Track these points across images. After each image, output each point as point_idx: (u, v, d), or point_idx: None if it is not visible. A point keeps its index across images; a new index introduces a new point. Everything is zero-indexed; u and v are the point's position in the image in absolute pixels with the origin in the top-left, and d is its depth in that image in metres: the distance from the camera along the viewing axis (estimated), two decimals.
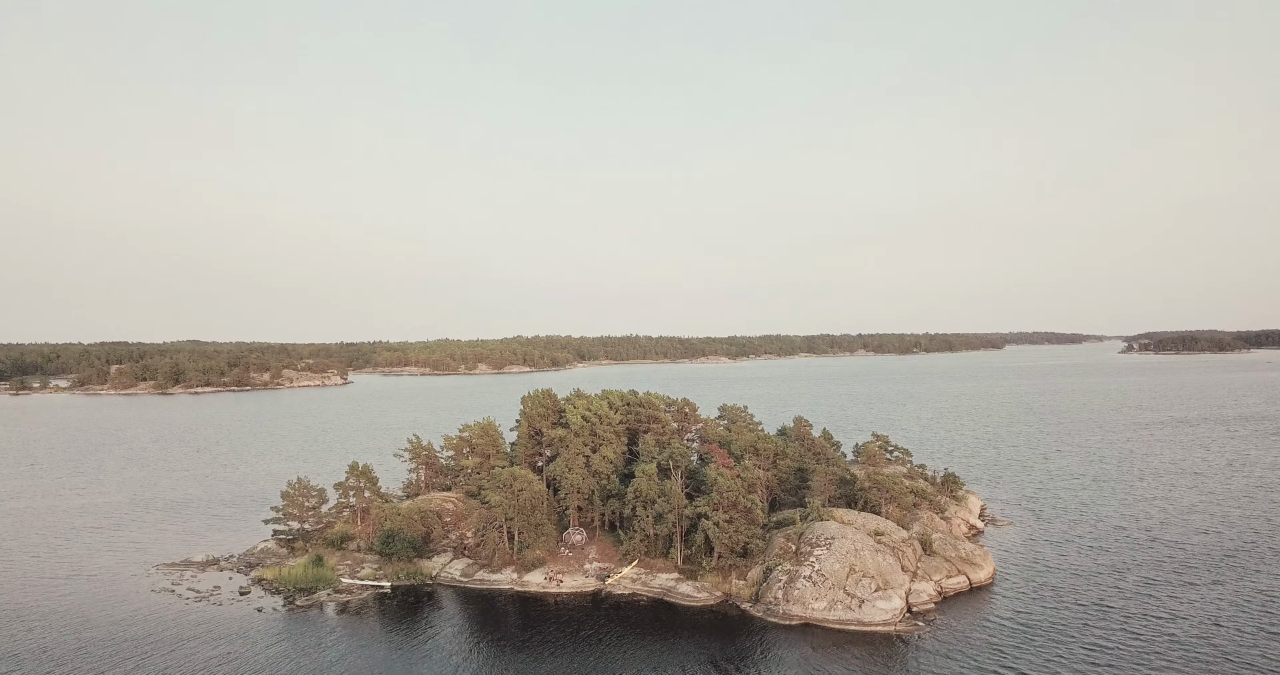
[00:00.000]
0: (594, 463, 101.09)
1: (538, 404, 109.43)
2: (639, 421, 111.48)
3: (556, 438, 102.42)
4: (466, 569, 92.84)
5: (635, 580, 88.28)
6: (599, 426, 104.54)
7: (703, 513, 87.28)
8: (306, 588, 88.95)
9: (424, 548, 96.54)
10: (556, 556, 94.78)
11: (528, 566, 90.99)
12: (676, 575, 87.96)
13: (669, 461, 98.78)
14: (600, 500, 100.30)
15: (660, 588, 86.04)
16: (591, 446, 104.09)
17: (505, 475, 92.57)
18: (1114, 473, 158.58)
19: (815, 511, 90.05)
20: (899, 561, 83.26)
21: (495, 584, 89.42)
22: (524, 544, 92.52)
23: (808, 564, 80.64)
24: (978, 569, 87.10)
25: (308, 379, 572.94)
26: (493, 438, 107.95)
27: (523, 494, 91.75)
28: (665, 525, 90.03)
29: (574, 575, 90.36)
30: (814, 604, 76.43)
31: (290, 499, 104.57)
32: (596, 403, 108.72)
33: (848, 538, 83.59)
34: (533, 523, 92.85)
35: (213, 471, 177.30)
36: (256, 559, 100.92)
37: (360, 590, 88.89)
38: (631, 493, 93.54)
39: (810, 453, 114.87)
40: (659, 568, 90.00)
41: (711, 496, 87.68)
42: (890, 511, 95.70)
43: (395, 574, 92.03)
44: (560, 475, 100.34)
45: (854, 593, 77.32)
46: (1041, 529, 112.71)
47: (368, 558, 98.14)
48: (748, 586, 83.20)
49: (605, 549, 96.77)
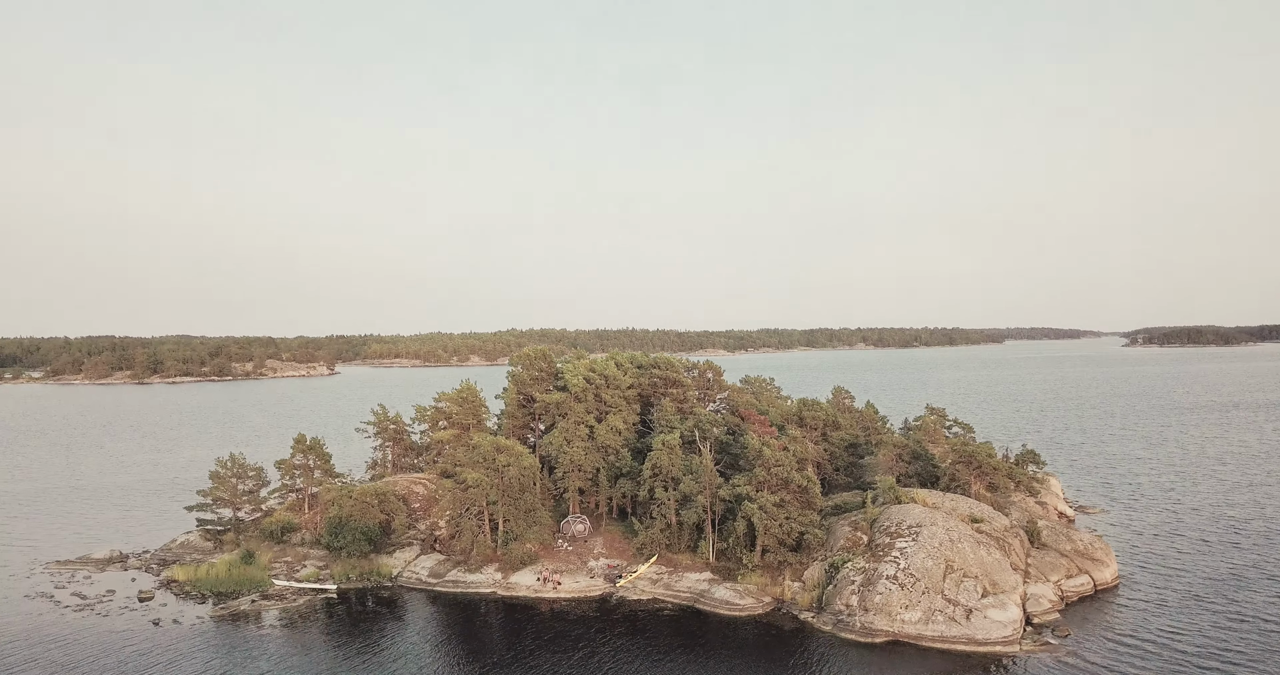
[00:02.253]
0: (599, 434, 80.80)
1: (530, 365, 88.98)
2: (653, 387, 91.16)
3: (552, 404, 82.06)
4: (437, 567, 72.44)
5: (655, 581, 68.08)
6: (605, 391, 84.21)
7: (743, 495, 67.07)
8: (227, 592, 68.48)
9: (382, 540, 76.06)
10: (552, 552, 74.53)
11: (515, 564, 70.68)
12: (709, 575, 67.76)
13: (694, 431, 78.48)
14: (608, 481, 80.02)
15: (689, 591, 65.87)
16: (596, 415, 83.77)
17: (487, 447, 72.15)
18: (1184, 457, 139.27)
19: (891, 491, 69.83)
20: (1006, 557, 63.18)
21: (473, 586, 69.15)
22: (511, 535, 72.11)
23: (890, 560, 60.49)
24: (1100, 567, 67.10)
25: (292, 369, 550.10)
26: (473, 406, 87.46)
27: (509, 471, 71.35)
28: (693, 511, 69.78)
29: (575, 575, 70.14)
30: (904, 614, 56.29)
31: (221, 481, 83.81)
32: (602, 363, 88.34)
33: (938, 525, 63.47)
34: (522, 508, 72.42)
35: (152, 457, 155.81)
36: (174, 555, 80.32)
37: (297, 595, 68.42)
38: (649, 470, 73.30)
39: (860, 426, 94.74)
40: (685, 566, 69.81)
41: (755, 473, 67.45)
42: (978, 494, 75.57)
43: (344, 574, 71.60)
44: (557, 450, 80.00)
45: (956, 599, 57.21)
46: (1139, 518, 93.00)
47: (313, 553, 77.63)
48: (806, 590, 63.05)
49: (614, 542, 76.50)
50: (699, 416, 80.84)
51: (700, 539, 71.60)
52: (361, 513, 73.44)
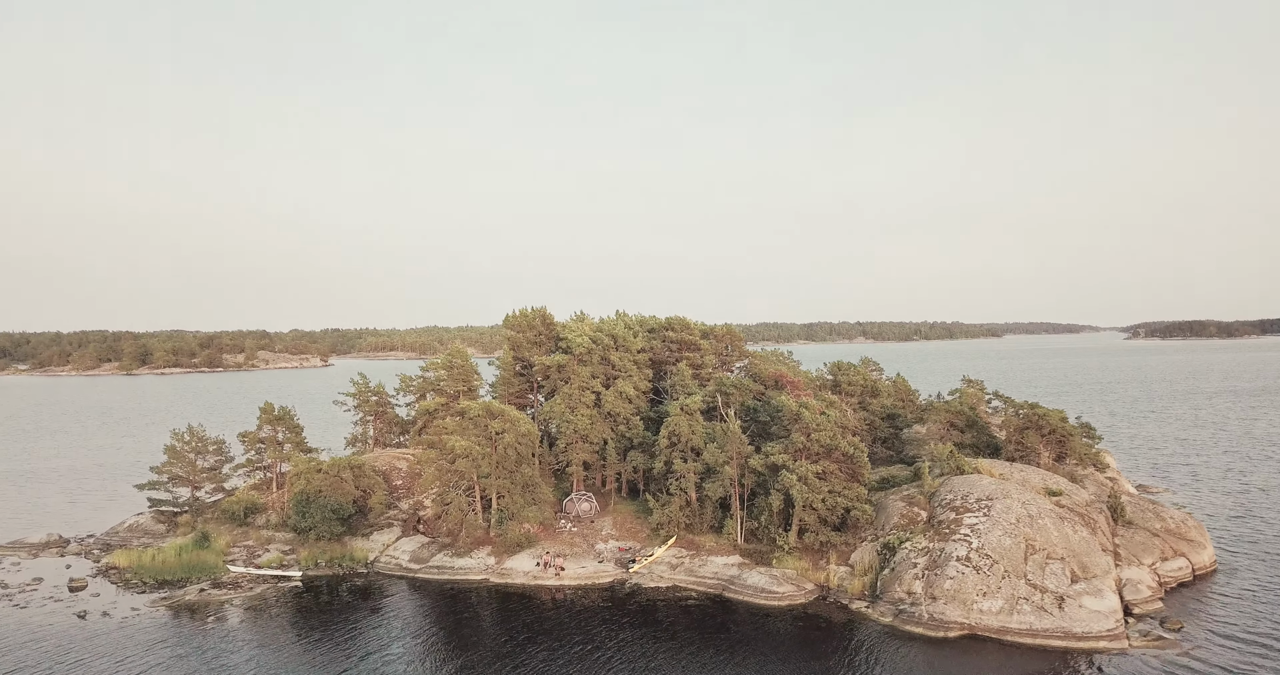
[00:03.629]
0: (607, 401, 70.88)
1: (525, 326, 78.94)
2: (666, 351, 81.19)
3: (553, 367, 72.08)
4: (419, 551, 62.50)
5: (674, 566, 58.24)
6: (613, 353, 74.21)
7: (778, 464, 57.18)
8: (173, 580, 58.52)
9: (358, 521, 66.12)
10: (554, 533, 64.67)
11: (511, 547, 60.83)
12: (738, 559, 57.89)
13: (717, 396, 68.66)
14: (617, 453, 70.13)
15: (715, 578, 56.01)
16: (603, 380, 73.84)
17: (477, 410, 62.17)
18: (1230, 440, 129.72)
19: (951, 460, 59.95)
20: (1094, 535, 53.36)
21: (462, 573, 59.26)
22: (506, 514, 62.20)
23: (959, 539, 50.65)
24: (1197, 548, 57.32)
25: (285, 361, 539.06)
26: (463, 371, 77.39)
27: (504, 438, 61.39)
28: (718, 485, 59.87)
29: (580, 560, 60.30)
30: (981, 602, 46.50)
31: (178, 457, 73.76)
32: (609, 323, 78.36)
33: (1012, 498, 53.62)
34: (519, 482, 62.47)
35: (117, 441, 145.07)
36: (121, 539, 70.33)
37: (255, 583, 58.47)
38: (665, 439, 63.45)
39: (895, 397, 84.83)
40: (709, 548, 59.94)
41: (792, 439, 57.54)
42: (1048, 466, 65.67)
43: (311, 559, 61.69)
44: (559, 419, 70.08)
45: (1042, 584, 47.44)
46: (1208, 500, 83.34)
47: (278, 537, 67.67)
48: (855, 576, 53.22)
49: (625, 522, 66.67)
50: (721, 380, 70.97)
51: (726, 518, 61.74)
52: (332, 488, 63.40)
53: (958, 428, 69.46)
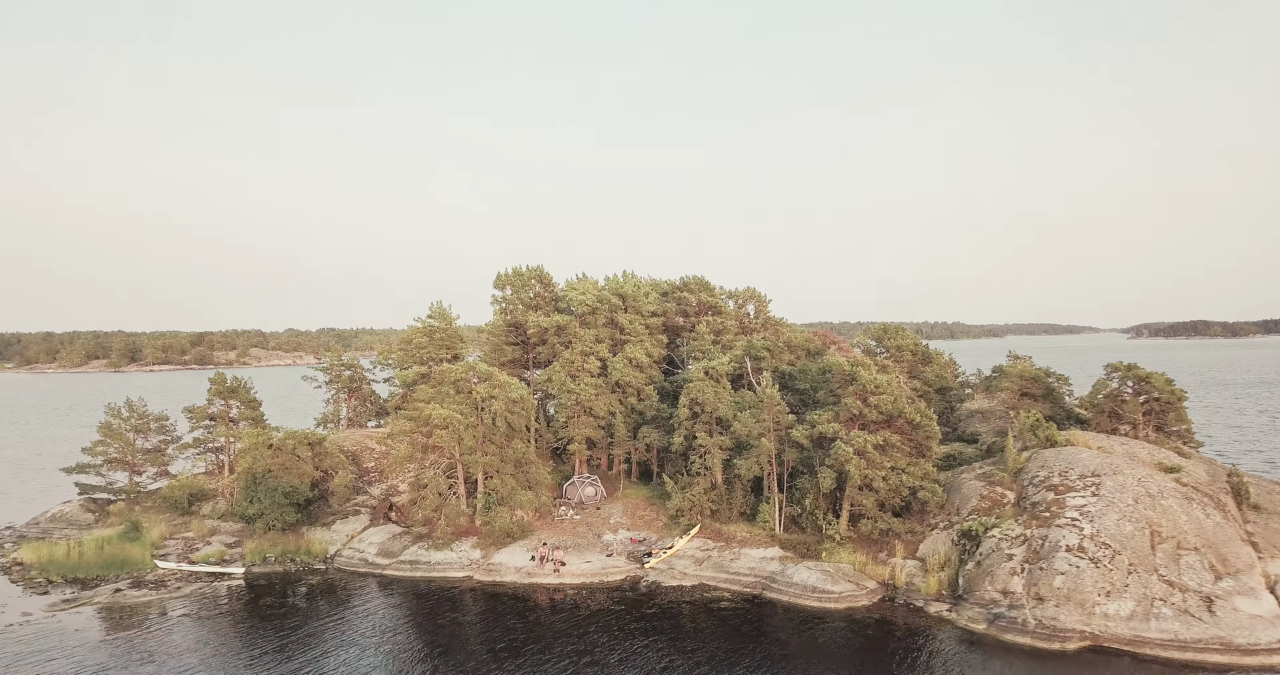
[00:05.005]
0: (615, 369, 60.40)
1: (522, 286, 68.41)
2: (684, 315, 70.70)
3: (551, 329, 61.56)
4: (389, 543, 51.83)
5: (700, 561, 47.68)
6: (621, 314, 63.73)
7: (828, 434, 46.65)
8: (86, 578, 47.87)
9: (318, 508, 55.56)
10: (553, 522, 54.10)
11: (500, 538, 50.23)
12: (777, 552, 47.32)
13: (745, 360, 58.22)
14: (627, 429, 59.58)
15: (752, 574, 45.43)
16: (610, 345, 63.38)
17: (459, 371, 51.64)
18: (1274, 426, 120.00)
19: (1039, 429, 49.33)
20: (1228, 521, 42.80)
21: (440, 569, 48.63)
22: (494, 498, 51.59)
23: (1064, 524, 40.12)
24: None
25: (278, 358, 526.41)
26: (447, 336, 66.72)
27: (492, 405, 50.78)
28: (752, 462, 49.27)
29: (585, 553, 49.69)
30: (1106, 604, 35.99)
31: (114, 435, 63.13)
32: (616, 282, 67.85)
33: (1124, 474, 43.12)
34: (510, 459, 51.84)
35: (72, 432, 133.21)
36: (42, 531, 59.58)
37: (186, 581, 47.84)
38: (686, 408, 52.98)
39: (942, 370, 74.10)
40: (740, 539, 49.37)
41: (845, 405, 46.98)
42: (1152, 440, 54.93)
43: (259, 552, 51.03)
44: (559, 389, 59.60)
45: (1179, 580, 36.93)
46: None
47: (225, 527, 57.07)
48: (929, 571, 42.68)
49: (637, 509, 56.11)
50: (750, 341, 60.51)
51: (760, 502, 51.21)
52: (286, 469, 52.69)
53: (1031, 397, 58.99)
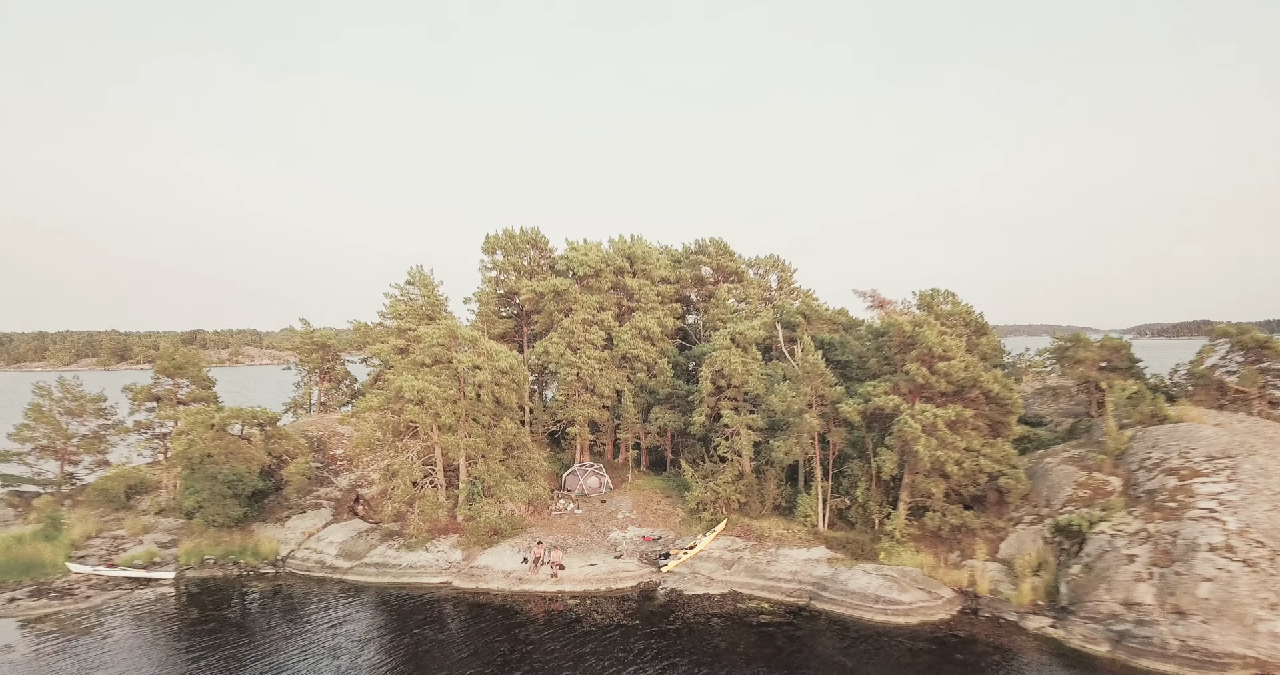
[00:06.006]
0: (621, 340, 51.95)
1: (514, 249, 59.90)
2: (699, 284, 62.25)
3: (548, 294, 53.07)
4: (353, 543, 43.24)
5: (729, 564, 39.15)
6: (629, 278, 55.28)
7: (885, 408, 38.17)
8: None
9: (274, 502, 47.02)
10: (549, 518, 45.56)
11: (485, 537, 41.65)
12: (824, 552, 38.80)
13: (778, 327, 49.78)
14: (637, 411, 51.08)
15: (795, 580, 36.89)
16: (616, 313, 54.95)
17: (437, 336, 43.16)
18: None
19: (1142, 402, 40.84)
20: None
21: (412, 574, 40.02)
22: (478, 489, 43.04)
23: (1200, 517, 31.66)
24: None
25: (270, 357, 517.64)
26: (429, 304, 58.05)
27: (477, 375, 42.23)
28: (792, 444, 40.68)
29: (588, 554, 41.12)
30: (1272, 621, 27.54)
31: (44, 417, 54.60)
32: (624, 242, 59.34)
33: (1262, 454, 34.71)
34: (498, 441, 43.28)
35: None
36: None
37: (101, 588, 39.26)
38: (709, 382, 44.52)
39: None
40: (777, 536, 40.84)
41: (907, 372, 38.53)
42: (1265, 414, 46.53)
43: (196, 554, 42.48)
44: (556, 362, 51.14)
45: None
46: None
47: (165, 524, 48.51)
48: (1019, 575, 34.18)
49: (649, 502, 47.59)
50: (783, 306, 52.13)
51: (800, 493, 42.75)
52: (230, 452, 44.10)
53: (1114, 371, 50.46)
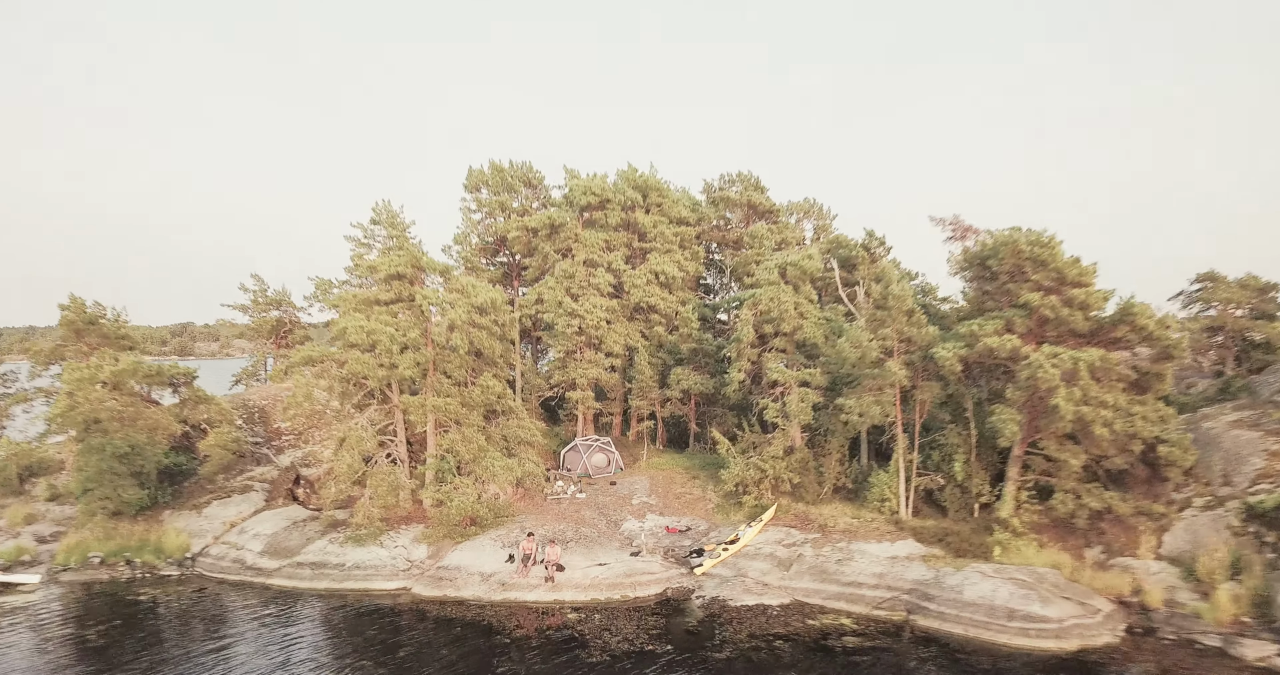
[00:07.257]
0: (633, 285, 41.93)
1: (502, 186, 49.75)
2: (727, 228, 52.16)
3: (541, 230, 43.01)
4: (283, 536, 33.10)
5: (787, 563, 29.08)
6: (642, 215, 45.19)
7: (1000, 351, 28.14)
8: None
9: (193, 484, 36.95)
10: (544, 504, 35.49)
11: (459, 528, 31.54)
12: (915, 547, 28.75)
13: (834, 264, 39.80)
14: (653, 372, 41.01)
15: (885, 585, 26.80)
16: (625, 255, 44.89)
17: (395, 264, 33.13)
18: None
19: None
20: None
21: (361, 576, 29.88)
22: (449, 465, 32.93)
23: None
24: None
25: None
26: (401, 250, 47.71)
27: (450, 315, 32.12)
28: (869, 402, 30.56)
29: (595, 551, 30.97)
30: None
31: None
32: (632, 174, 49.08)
33: None
34: (477, 402, 33.15)
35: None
36: None
37: None
38: (750, 328, 34.41)
39: None
40: (845, 527, 30.80)
41: (1025, 306, 28.50)
42: None
43: (80, 550, 32.37)
44: (551, 313, 41.07)
45: None
46: None
47: (56, 512, 38.45)
48: (1214, 583, 24.18)
49: (671, 485, 37.54)
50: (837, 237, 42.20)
51: (875, 471, 32.72)
52: (126, 418, 33.92)
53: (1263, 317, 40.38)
